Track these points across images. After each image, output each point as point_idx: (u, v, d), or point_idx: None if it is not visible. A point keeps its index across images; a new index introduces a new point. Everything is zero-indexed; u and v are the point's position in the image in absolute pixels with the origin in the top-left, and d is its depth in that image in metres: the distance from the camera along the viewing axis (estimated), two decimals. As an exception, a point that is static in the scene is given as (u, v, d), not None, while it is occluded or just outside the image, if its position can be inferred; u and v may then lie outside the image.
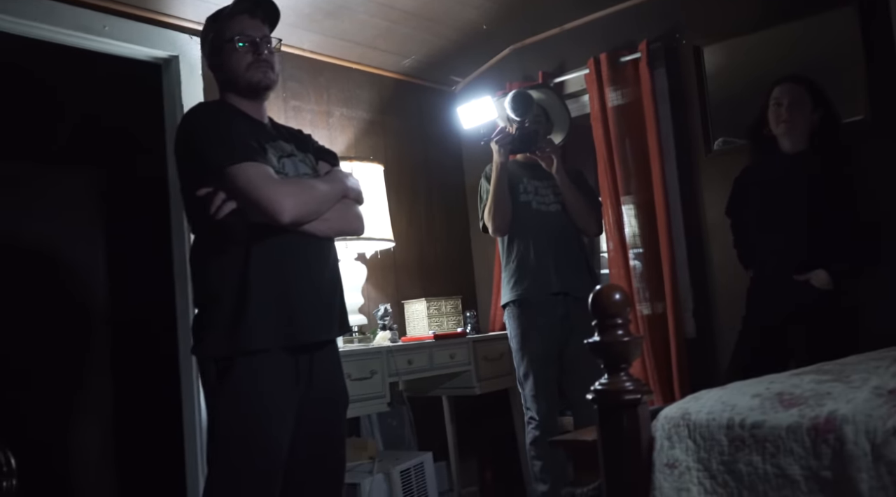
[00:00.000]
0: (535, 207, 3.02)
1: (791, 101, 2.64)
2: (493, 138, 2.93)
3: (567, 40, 3.88)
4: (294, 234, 1.89)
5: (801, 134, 2.65)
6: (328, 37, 3.59)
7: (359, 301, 3.40)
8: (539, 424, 2.89)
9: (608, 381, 1.27)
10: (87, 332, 3.96)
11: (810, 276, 2.53)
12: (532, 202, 3.02)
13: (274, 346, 1.87)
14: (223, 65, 1.99)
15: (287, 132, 2.11)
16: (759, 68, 3.24)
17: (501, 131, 2.94)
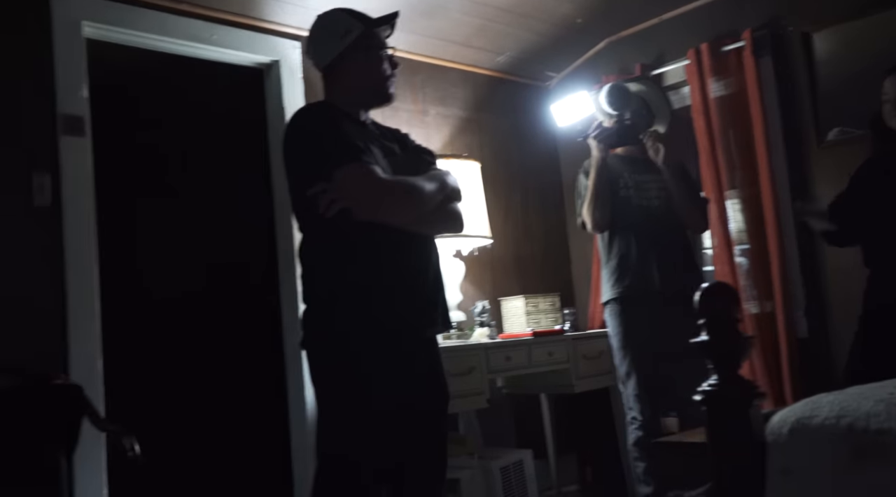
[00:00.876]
0: (636, 203, 2.95)
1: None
2: (590, 134, 2.88)
3: (666, 31, 3.78)
4: (399, 232, 1.93)
5: None
6: (424, 36, 3.63)
7: (457, 298, 3.42)
8: (642, 425, 2.83)
9: (717, 383, 1.23)
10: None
11: None
12: (633, 197, 2.96)
13: (383, 342, 1.91)
14: (363, 70, 2.04)
15: (387, 132, 2.15)
16: (873, 54, 3.05)
17: (599, 126, 2.89)
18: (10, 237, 2.54)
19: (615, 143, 2.91)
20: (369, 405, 1.88)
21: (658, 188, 2.99)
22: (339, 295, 1.92)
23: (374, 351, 1.90)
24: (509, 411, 3.71)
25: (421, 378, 2.01)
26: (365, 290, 1.90)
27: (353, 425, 1.88)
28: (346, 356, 1.90)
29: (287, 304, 3.23)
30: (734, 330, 1.23)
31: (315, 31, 2.09)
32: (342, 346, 1.90)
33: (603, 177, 2.89)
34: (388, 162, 2.00)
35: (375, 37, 2.06)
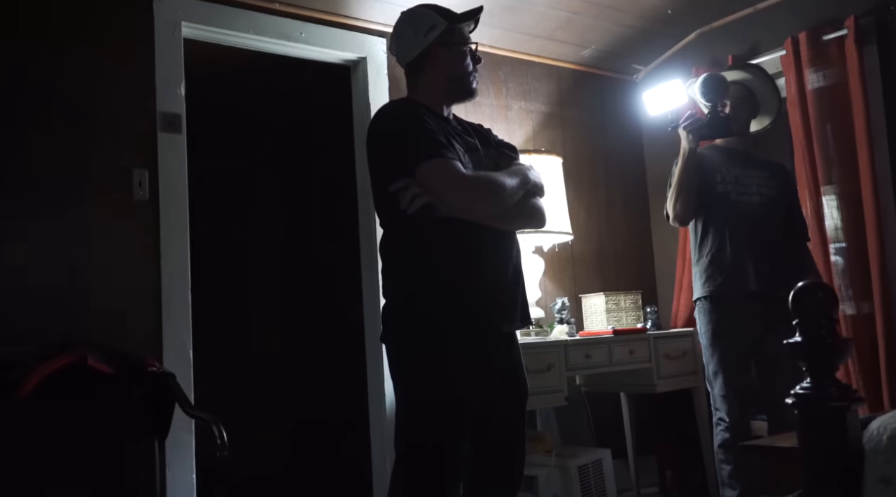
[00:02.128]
0: (734, 199, 2.83)
1: None
2: (681, 124, 2.79)
3: (760, 20, 3.63)
4: (479, 227, 1.93)
5: None
6: (507, 31, 3.61)
7: (536, 294, 3.40)
8: (729, 426, 2.74)
9: (812, 386, 1.18)
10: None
11: None
12: (731, 193, 2.83)
13: (466, 337, 1.91)
14: (446, 66, 2.05)
15: (469, 127, 2.15)
16: None
17: (691, 117, 2.78)
18: (113, 229, 2.68)
19: (707, 135, 2.79)
20: (451, 397, 1.89)
21: (759, 184, 2.87)
22: (419, 290, 1.93)
23: (454, 346, 1.90)
24: (588, 410, 3.66)
25: (500, 373, 2.01)
26: (444, 285, 1.91)
27: (436, 416, 1.89)
28: (426, 351, 1.91)
29: (369, 299, 3.28)
30: (831, 331, 1.17)
31: (399, 28, 2.11)
32: (422, 341, 1.92)
33: (690, 169, 2.79)
34: (470, 157, 2.00)
35: (458, 32, 2.07)
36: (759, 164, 2.95)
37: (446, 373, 1.90)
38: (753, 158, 2.95)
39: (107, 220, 2.66)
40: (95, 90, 2.70)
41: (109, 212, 2.67)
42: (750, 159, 2.93)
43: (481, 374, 1.94)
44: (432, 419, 1.90)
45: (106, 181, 2.68)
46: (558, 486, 3.02)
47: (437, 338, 1.90)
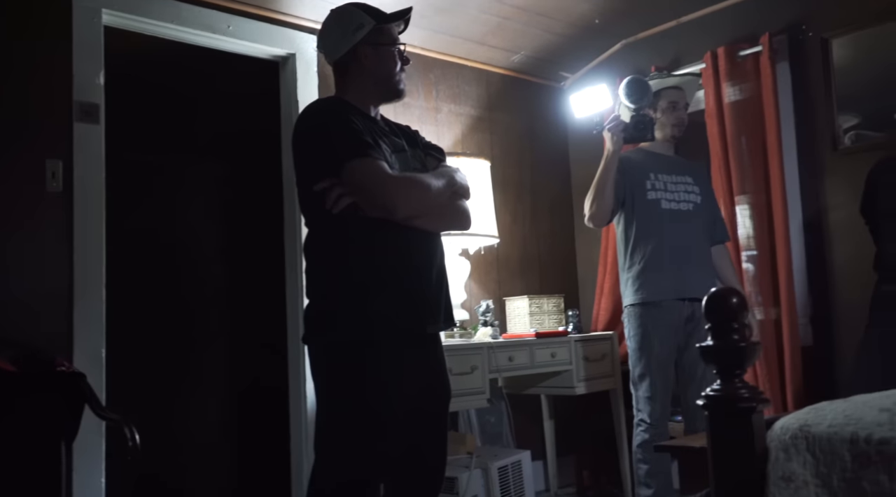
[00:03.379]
0: (664, 206, 2.88)
1: None
2: (605, 126, 2.84)
3: (682, 34, 3.76)
4: (405, 228, 1.93)
5: None
6: (438, 33, 3.62)
7: (461, 296, 3.42)
8: (649, 428, 2.81)
9: (721, 388, 1.22)
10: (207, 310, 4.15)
11: None
12: (662, 200, 2.89)
13: (387, 338, 1.91)
14: (374, 66, 2.04)
15: (397, 128, 2.15)
16: (891, 61, 3.04)
17: (615, 119, 2.82)
18: (24, 221, 2.56)
19: (630, 138, 2.85)
20: (369, 400, 1.88)
21: (686, 191, 2.94)
22: (343, 290, 1.92)
23: (376, 346, 1.90)
24: (509, 411, 3.71)
25: (422, 375, 2.01)
26: (368, 285, 1.90)
27: (354, 418, 1.88)
28: (347, 351, 1.90)
29: (291, 299, 3.23)
30: (740, 335, 1.21)
31: (327, 25, 2.09)
32: (344, 341, 1.90)
33: (610, 172, 2.83)
34: (397, 158, 2.00)
35: (387, 32, 2.07)
36: (685, 169, 3.02)
37: (365, 375, 1.88)
38: (679, 163, 3.03)
39: (17, 212, 2.54)
40: (9, 77, 2.58)
41: (20, 204, 2.55)
42: (677, 164, 3.00)
43: (401, 377, 1.94)
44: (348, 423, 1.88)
45: (17, 172, 2.56)
46: (478, 487, 3.04)
47: (357, 339, 1.89)
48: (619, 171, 2.87)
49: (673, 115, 2.94)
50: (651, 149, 3.00)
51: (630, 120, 2.83)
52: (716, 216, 3.05)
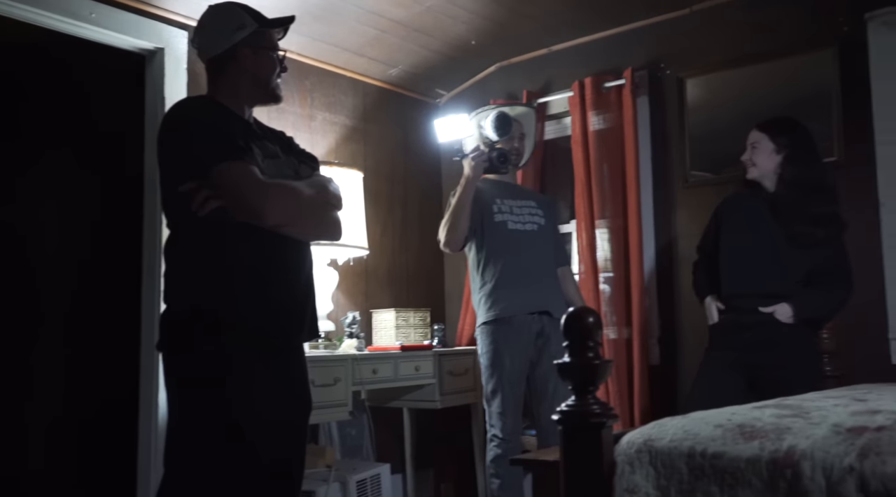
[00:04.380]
0: (511, 227, 3.02)
1: (752, 145, 2.71)
2: (468, 155, 2.94)
3: (553, 62, 3.92)
4: (274, 235, 1.89)
5: (768, 177, 2.70)
6: (316, 40, 3.59)
7: (328, 307, 3.38)
8: (502, 442, 2.88)
9: (575, 403, 1.27)
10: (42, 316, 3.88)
11: (775, 309, 2.57)
12: (508, 221, 3.03)
13: (247, 348, 1.85)
14: (253, 68, 2.00)
15: (271, 133, 2.11)
16: (739, 103, 3.30)
17: (478, 149, 2.94)
18: None
19: (489, 169, 2.97)
20: (226, 412, 1.82)
21: (530, 213, 3.08)
22: (204, 297, 1.85)
23: (236, 356, 1.84)
24: (371, 424, 3.70)
25: (283, 387, 1.96)
26: (231, 292, 1.85)
27: (208, 432, 1.81)
28: (204, 360, 1.83)
29: (147, 303, 3.08)
30: (594, 353, 1.27)
31: (206, 20, 2.03)
32: (202, 350, 1.83)
33: (468, 198, 2.93)
34: (269, 164, 1.95)
35: (268, 37, 2.04)
36: (528, 194, 3.22)
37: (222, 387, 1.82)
38: (522, 190, 3.24)
39: None
40: None
41: None
42: (520, 191, 3.19)
43: (261, 388, 1.89)
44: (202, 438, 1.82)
45: None
46: (337, 500, 3.00)
47: (216, 348, 1.83)
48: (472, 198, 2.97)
49: (509, 144, 3.08)
50: (495, 178, 3.13)
51: (492, 152, 2.95)
52: (557, 241, 3.22)
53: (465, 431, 3.76)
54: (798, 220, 2.59)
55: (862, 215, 2.94)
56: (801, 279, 2.60)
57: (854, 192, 2.94)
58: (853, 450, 1.08)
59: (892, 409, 1.37)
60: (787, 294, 2.57)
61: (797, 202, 2.61)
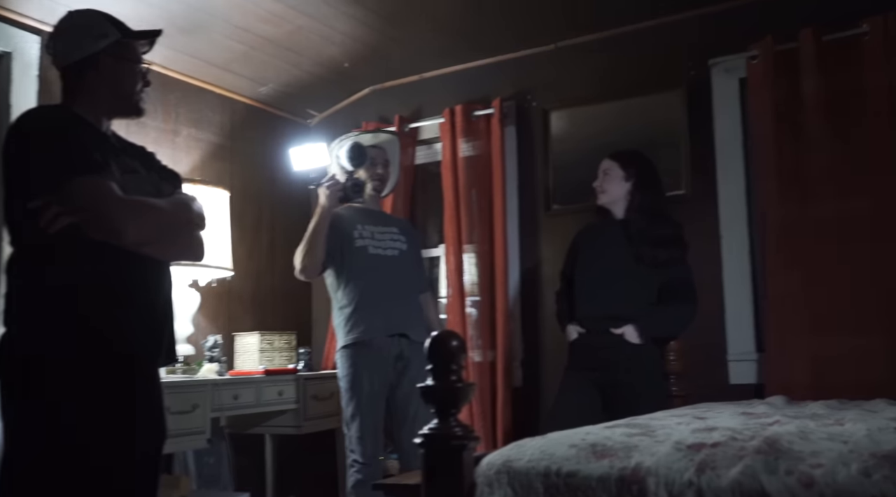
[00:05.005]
0: (371, 252, 3.03)
1: (604, 173, 2.88)
2: (323, 183, 2.94)
3: (425, 88, 3.99)
4: (130, 255, 1.80)
5: (617, 203, 2.87)
6: (181, 54, 3.47)
7: (188, 330, 3.25)
8: (362, 468, 2.86)
9: (437, 426, 1.29)
10: None
11: (624, 330, 2.72)
12: (369, 247, 3.04)
13: (101, 371, 1.75)
14: (114, 79, 1.91)
15: (131, 148, 2.02)
16: (599, 137, 3.48)
17: (333, 178, 2.97)
18: None
19: (345, 198, 2.99)
20: (71, 438, 1.71)
21: (392, 239, 3.11)
22: (52, 319, 1.73)
23: (84, 380, 1.73)
24: (230, 452, 3.57)
25: (136, 415, 1.86)
26: (82, 314, 1.74)
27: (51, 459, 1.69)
28: (48, 384, 1.71)
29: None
30: (457, 377, 1.30)
31: (65, 26, 1.93)
32: (46, 375, 1.71)
33: (324, 226, 2.93)
34: (128, 179, 1.86)
35: (132, 48, 1.96)
36: (391, 221, 3.24)
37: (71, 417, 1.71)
38: (385, 216, 3.26)
39: None
40: None
41: None
42: (382, 217, 3.22)
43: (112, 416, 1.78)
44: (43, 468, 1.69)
45: None
46: (192, 532, 2.87)
47: (66, 372, 1.71)
48: (330, 225, 2.98)
49: (372, 171, 3.11)
50: (359, 205, 3.15)
51: (347, 181, 2.97)
52: (419, 268, 3.26)
53: (329, 457, 3.70)
54: (645, 242, 2.77)
55: (706, 246, 3.17)
56: (652, 300, 2.77)
57: (699, 224, 3.17)
58: (692, 465, 1.16)
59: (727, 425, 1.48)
60: (635, 316, 2.73)
61: (644, 226, 2.79)
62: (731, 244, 3.18)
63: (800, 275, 2.91)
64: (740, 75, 3.21)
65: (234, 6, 3.13)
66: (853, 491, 1.04)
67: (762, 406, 2.22)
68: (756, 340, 3.11)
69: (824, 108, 2.94)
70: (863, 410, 1.98)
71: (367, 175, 3.11)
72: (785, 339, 2.91)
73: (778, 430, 1.34)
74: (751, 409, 2.05)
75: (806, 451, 1.15)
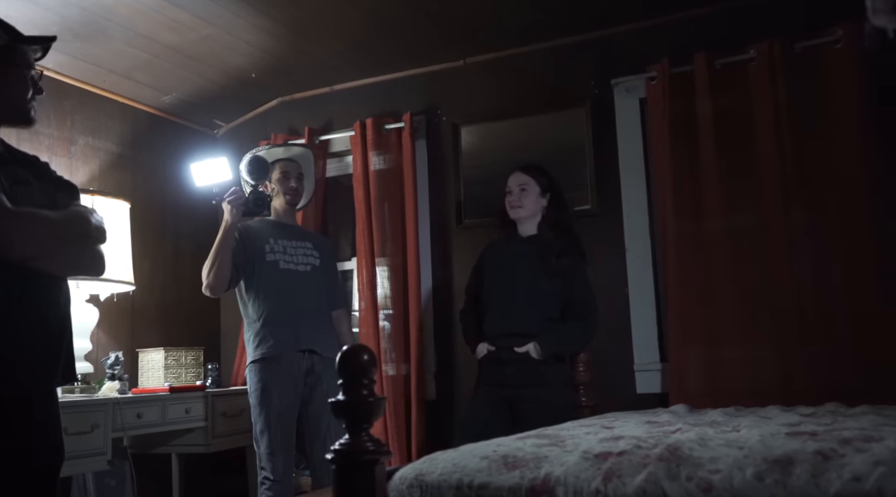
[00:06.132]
0: (282, 266, 2.98)
1: (520, 188, 2.92)
2: (225, 198, 2.87)
3: (335, 101, 3.97)
4: (22, 269, 1.71)
5: (532, 218, 2.92)
6: (78, 59, 3.34)
7: (87, 347, 3.11)
8: (273, 485, 2.80)
9: (349, 441, 1.27)
10: None
11: (528, 348, 2.76)
12: (280, 261, 2.99)
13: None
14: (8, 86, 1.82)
15: (22, 157, 1.92)
16: (507, 151, 3.55)
17: (236, 192, 2.87)
18: None
19: (248, 212, 2.92)
20: None
21: (305, 254, 3.07)
22: None
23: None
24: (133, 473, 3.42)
25: (30, 437, 1.76)
26: None
27: None
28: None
29: None
30: (368, 391, 1.29)
31: None
32: None
33: (228, 242, 2.86)
34: (19, 190, 1.77)
35: (21, 53, 1.87)
36: (305, 235, 3.18)
37: None
38: (300, 231, 3.19)
39: None
40: None
41: None
42: (296, 231, 3.15)
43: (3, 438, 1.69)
44: None
45: None
46: (90, 561, 2.73)
47: None
48: (240, 239, 2.94)
49: (285, 185, 3.08)
50: (273, 218, 3.12)
51: (249, 195, 2.91)
52: (333, 284, 3.22)
53: (240, 476, 3.60)
54: (553, 254, 2.83)
55: (612, 260, 3.27)
56: (554, 316, 2.82)
57: (605, 237, 3.28)
58: (599, 474, 1.19)
59: (633, 434, 1.52)
60: (538, 333, 2.77)
61: (554, 240, 2.85)
62: (635, 257, 3.30)
63: (696, 287, 3.05)
64: (641, 95, 3.34)
65: (136, 13, 3.03)
66: (748, 495, 1.09)
67: (666, 414, 2.31)
68: (660, 351, 3.23)
69: (715, 128, 3.09)
70: (758, 417, 2.08)
71: (279, 188, 3.06)
72: (684, 349, 3.04)
73: (679, 438, 1.39)
74: (655, 418, 2.13)
75: (705, 458, 1.20)
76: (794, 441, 1.29)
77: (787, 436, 1.39)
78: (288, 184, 3.08)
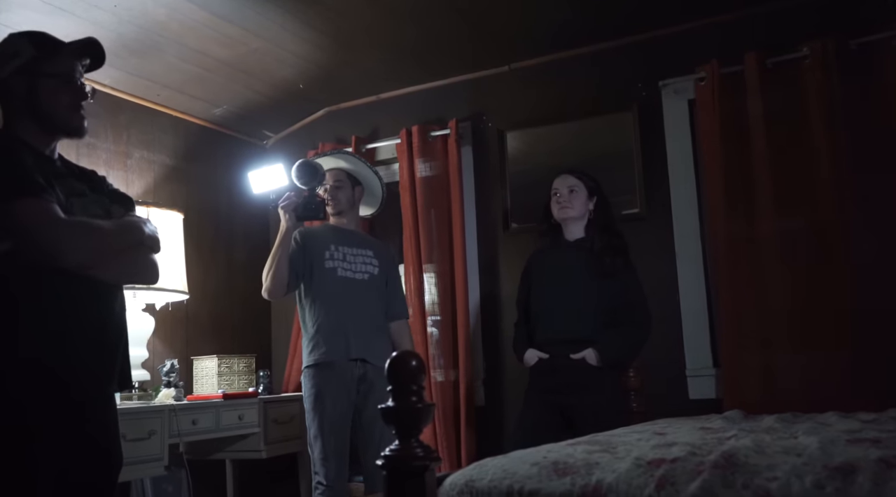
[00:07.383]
0: (340, 274, 3.00)
1: (569, 189, 2.89)
2: (279, 204, 2.93)
3: (381, 109, 4.00)
4: (77, 278, 1.76)
5: (580, 220, 2.90)
6: (132, 75, 3.43)
7: (143, 355, 3.19)
8: (326, 490, 2.83)
9: (398, 448, 1.28)
10: None
11: (584, 355, 2.73)
12: (338, 269, 3.01)
13: (48, 399, 1.70)
14: (34, 99, 1.84)
15: (79, 171, 1.98)
16: (553, 156, 3.53)
17: (289, 197, 2.93)
18: None
19: (302, 216, 2.96)
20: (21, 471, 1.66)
21: (364, 262, 3.08)
22: None
23: (37, 408, 1.68)
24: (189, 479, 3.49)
25: (89, 442, 1.81)
26: (26, 341, 1.69)
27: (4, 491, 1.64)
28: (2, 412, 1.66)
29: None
30: (418, 397, 1.29)
31: None
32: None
33: (286, 247, 2.91)
34: (75, 202, 1.83)
35: (57, 64, 1.88)
36: (366, 242, 3.18)
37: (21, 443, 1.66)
38: (360, 238, 3.19)
39: None
40: None
41: None
42: (357, 238, 3.15)
43: (65, 444, 1.74)
44: None
45: None
46: (148, 564, 2.80)
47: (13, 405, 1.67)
48: (301, 244, 2.98)
49: (329, 193, 3.10)
50: (335, 223, 3.14)
51: (301, 200, 2.94)
52: (395, 293, 3.20)
53: (293, 482, 3.65)
54: (604, 255, 2.80)
55: (662, 264, 3.22)
56: (607, 321, 2.79)
57: (655, 242, 3.23)
58: (652, 481, 1.17)
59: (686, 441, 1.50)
60: (594, 339, 2.74)
61: (603, 242, 2.83)
62: (686, 261, 3.24)
63: (750, 290, 2.98)
64: (689, 97, 3.30)
65: (187, 29, 3.11)
66: (807, 502, 1.06)
67: (719, 420, 2.26)
68: (713, 356, 3.16)
69: (767, 128, 3.03)
70: (816, 423, 2.02)
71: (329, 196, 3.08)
72: (739, 354, 2.97)
73: (735, 445, 1.36)
74: (709, 424, 2.09)
75: (762, 465, 1.17)
76: (856, 448, 1.25)
77: (848, 443, 1.35)
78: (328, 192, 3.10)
